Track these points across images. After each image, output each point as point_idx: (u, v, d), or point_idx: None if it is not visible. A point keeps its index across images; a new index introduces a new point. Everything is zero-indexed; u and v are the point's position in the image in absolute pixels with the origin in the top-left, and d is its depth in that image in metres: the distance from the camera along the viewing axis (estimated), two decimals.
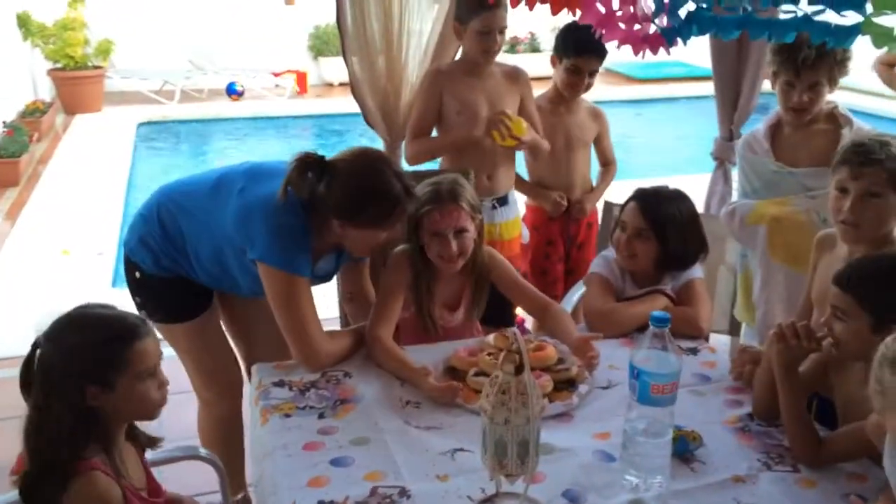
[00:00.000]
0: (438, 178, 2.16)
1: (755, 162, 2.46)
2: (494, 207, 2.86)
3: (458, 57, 2.94)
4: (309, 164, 1.95)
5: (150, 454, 1.74)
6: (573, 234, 3.16)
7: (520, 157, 3.02)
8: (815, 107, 2.33)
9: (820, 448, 1.58)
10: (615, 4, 1.81)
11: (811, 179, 2.32)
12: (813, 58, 2.22)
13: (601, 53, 2.90)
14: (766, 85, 2.59)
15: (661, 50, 1.81)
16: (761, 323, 2.49)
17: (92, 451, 1.50)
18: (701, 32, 1.71)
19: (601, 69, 3.04)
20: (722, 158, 3.21)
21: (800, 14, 1.61)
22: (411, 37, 2.87)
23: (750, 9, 1.69)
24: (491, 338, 1.93)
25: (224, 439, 2.38)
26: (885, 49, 1.48)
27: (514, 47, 11.20)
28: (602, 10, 1.81)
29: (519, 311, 1.87)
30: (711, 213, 3.11)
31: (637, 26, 1.83)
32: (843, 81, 2.35)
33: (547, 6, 1.89)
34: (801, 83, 2.29)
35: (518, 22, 10.82)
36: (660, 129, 9.11)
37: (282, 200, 1.93)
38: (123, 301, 1.84)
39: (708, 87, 3.28)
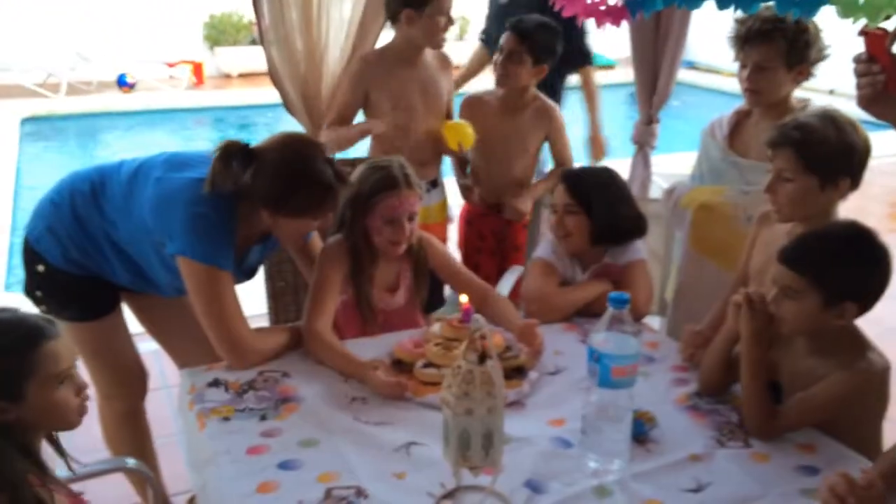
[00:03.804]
0: (380, 161, 2.08)
1: (709, 145, 2.41)
2: (428, 191, 2.81)
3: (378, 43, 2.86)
4: (233, 152, 1.85)
5: (76, 468, 1.58)
6: (507, 233, 3.00)
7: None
8: (766, 90, 2.20)
9: (772, 420, 1.60)
10: None
11: (752, 174, 2.22)
12: (759, 33, 2.11)
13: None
14: (682, 74, 2.59)
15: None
16: (674, 309, 2.50)
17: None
18: (665, 4, 1.69)
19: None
20: (641, 143, 3.25)
21: None
22: (331, 23, 2.78)
23: None
24: (437, 327, 1.88)
25: (131, 439, 2.24)
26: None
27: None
28: None
29: (465, 299, 1.83)
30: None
31: None
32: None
33: None
34: (748, 60, 2.19)
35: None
36: (570, 117, 9.20)
37: (207, 192, 1.82)
38: (19, 306, 1.67)
39: (613, 76, 3.29)
